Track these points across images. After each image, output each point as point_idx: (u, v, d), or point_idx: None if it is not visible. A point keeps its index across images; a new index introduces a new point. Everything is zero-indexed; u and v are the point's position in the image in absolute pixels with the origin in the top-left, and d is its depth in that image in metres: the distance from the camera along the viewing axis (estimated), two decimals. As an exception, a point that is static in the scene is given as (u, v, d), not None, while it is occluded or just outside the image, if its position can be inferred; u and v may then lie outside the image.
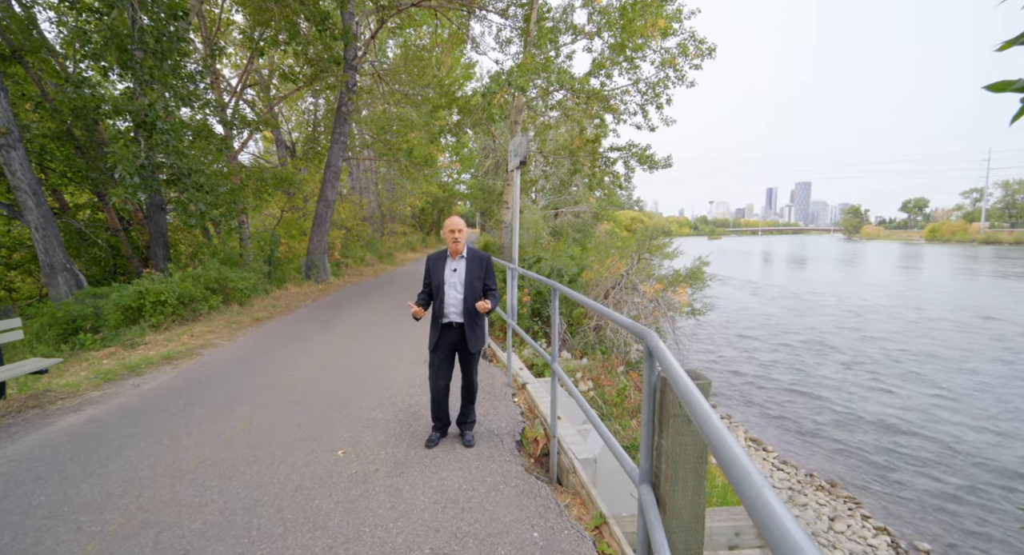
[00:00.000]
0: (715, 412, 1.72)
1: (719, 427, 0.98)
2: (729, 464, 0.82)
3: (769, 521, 0.66)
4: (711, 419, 1.03)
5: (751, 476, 0.75)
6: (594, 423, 2.37)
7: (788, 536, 0.63)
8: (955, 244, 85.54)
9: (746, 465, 0.81)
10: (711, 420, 1.02)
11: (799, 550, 0.61)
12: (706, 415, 1.04)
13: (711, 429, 0.97)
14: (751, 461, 0.84)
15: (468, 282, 3.59)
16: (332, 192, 14.27)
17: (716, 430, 0.95)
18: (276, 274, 12.25)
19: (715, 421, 0.99)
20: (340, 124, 14.11)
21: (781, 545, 0.63)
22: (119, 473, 3.37)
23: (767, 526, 0.66)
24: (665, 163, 12.78)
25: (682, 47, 10.40)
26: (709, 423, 0.99)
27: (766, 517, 0.67)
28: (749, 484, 0.74)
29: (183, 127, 8.82)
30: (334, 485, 3.14)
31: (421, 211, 41.73)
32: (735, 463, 0.81)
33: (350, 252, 19.92)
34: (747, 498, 0.72)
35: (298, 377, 5.44)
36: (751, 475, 0.75)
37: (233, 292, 9.35)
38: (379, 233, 29.48)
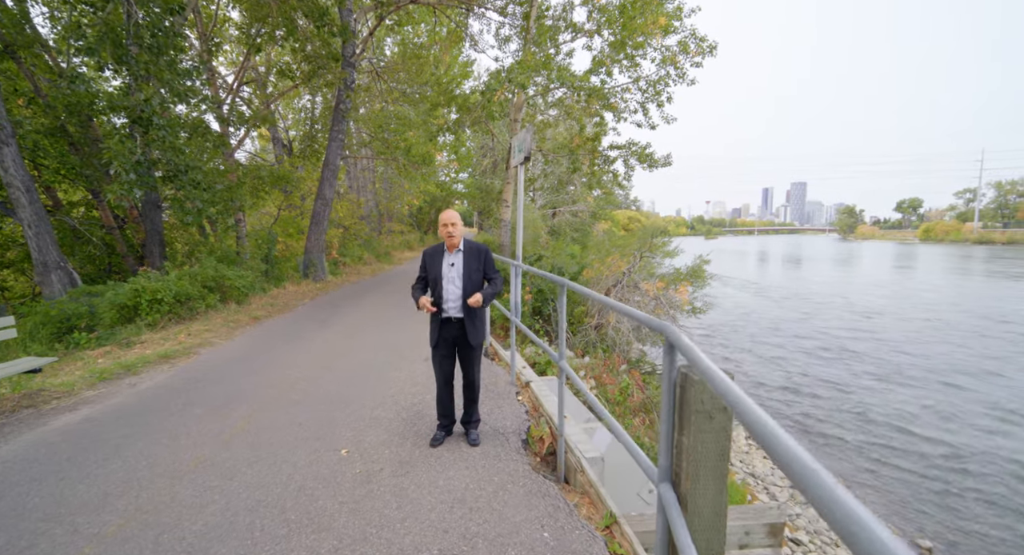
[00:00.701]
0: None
1: (768, 421, 0.92)
2: (788, 460, 0.76)
3: (849, 521, 0.60)
4: (757, 413, 0.97)
5: (818, 473, 0.69)
6: (608, 422, 2.31)
7: (875, 537, 0.57)
8: (949, 244, 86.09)
9: (808, 461, 0.76)
10: (758, 414, 0.96)
11: (888, 551, 0.55)
12: (750, 408, 0.98)
13: (760, 423, 0.91)
14: (812, 455, 0.78)
15: (466, 275, 3.52)
16: (330, 190, 14.16)
17: (765, 424, 0.89)
18: (274, 273, 12.14)
19: (762, 415, 0.94)
20: (338, 122, 14.00)
21: (868, 547, 0.57)
22: (117, 474, 3.29)
23: (848, 528, 0.60)
24: (665, 161, 12.76)
25: (683, 45, 10.37)
26: (756, 417, 0.94)
27: (842, 516, 0.61)
28: (817, 482, 0.68)
29: (180, 123, 8.71)
30: (338, 485, 3.07)
31: (419, 210, 41.60)
32: (795, 459, 0.75)
33: (348, 251, 19.81)
34: (818, 499, 0.66)
35: (298, 376, 5.36)
36: (818, 472, 0.69)
37: (230, 290, 9.25)
38: (377, 232, 29.36)
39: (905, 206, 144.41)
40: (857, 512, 0.62)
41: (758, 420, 0.95)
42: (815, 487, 0.68)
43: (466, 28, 15.31)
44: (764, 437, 0.89)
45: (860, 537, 0.59)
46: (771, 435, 0.88)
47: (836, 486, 0.68)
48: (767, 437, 0.88)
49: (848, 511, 0.63)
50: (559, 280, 3.32)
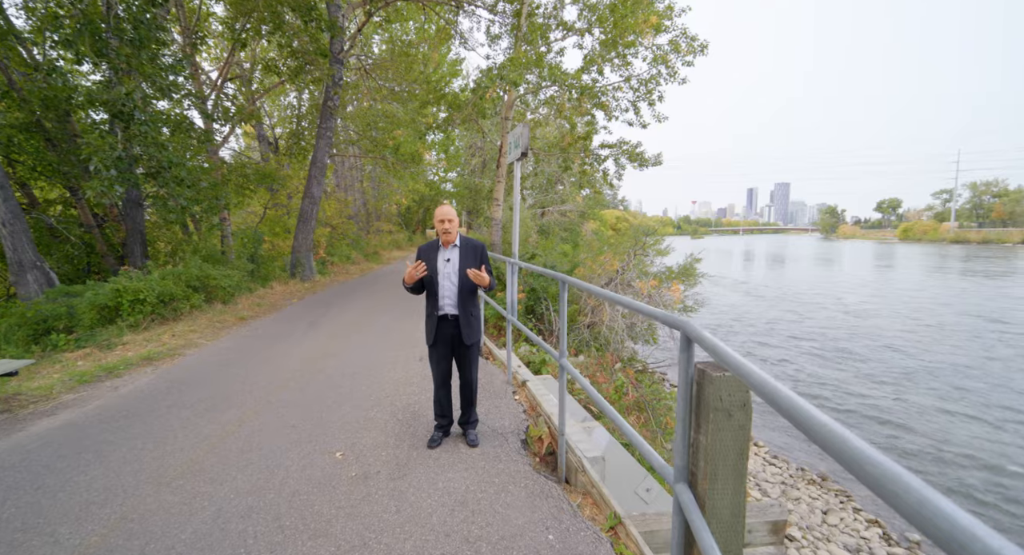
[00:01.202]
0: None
1: (812, 410, 0.86)
2: (859, 460, 0.70)
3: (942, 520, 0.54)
4: (797, 401, 0.92)
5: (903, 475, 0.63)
6: (616, 422, 2.25)
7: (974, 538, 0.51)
8: (927, 243, 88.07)
9: (861, 446, 0.70)
10: (798, 403, 0.91)
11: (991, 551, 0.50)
12: (795, 402, 0.92)
13: (810, 417, 0.85)
14: (862, 439, 0.73)
15: (463, 272, 3.45)
16: (318, 189, 13.94)
17: (818, 419, 0.84)
18: (260, 272, 11.91)
19: (813, 410, 0.88)
20: (326, 119, 13.79)
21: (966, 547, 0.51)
22: (99, 481, 3.15)
23: (942, 528, 0.54)
24: (656, 161, 12.78)
25: (674, 44, 10.40)
26: (805, 411, 0.88)
27: (933, 515, 0.55)
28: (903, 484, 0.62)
29: (163, 119, 8.47)
30: (334, 489, 2.97)
31: (407, 209, 41.31)
32: (867, 459, 0.69)
33: (335, 250, 19.56)
34: (904, 503, 0.60)
35: (288, 377, 5.23)
36: (902, 473, 0.63)
37: (216, 290, 9.03)
38: (365, 231, 29.06)
39: (885, 206, 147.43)
40: (927, 494, 0.57)
41: (801, 410, 0.90)
42: (901, 490, 0.62)
43: (455, 26, 15.20)
44: (813, 428, 0.84)
45: (932, 519, 0.54)
46: (820, 424, 0.83)
47: (894, 465, 0.64)
48: (816, 428, 0.83)
49: (919, 496, 0.58)
50: (560, 276, 3.26)
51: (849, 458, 0.72)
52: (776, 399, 0.98)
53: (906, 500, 0.60)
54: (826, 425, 0.82)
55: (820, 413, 0.87)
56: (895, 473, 0.63)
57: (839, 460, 0.75)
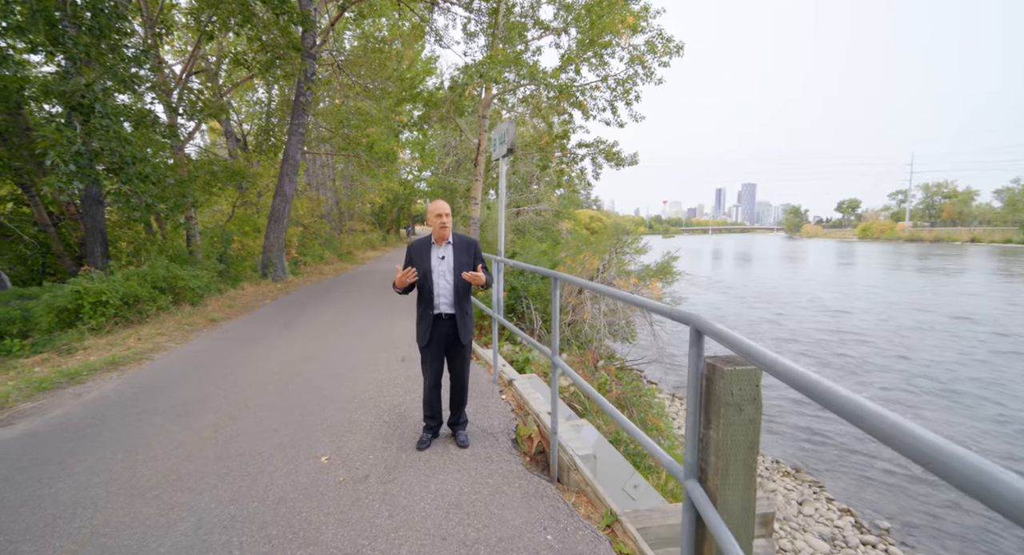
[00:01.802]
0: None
1: (849, 394, 0.86)
2: (898, 433, 0.70)
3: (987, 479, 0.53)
4: (828, 385, 0.91)
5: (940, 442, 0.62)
6: (619, 420, 2.23)
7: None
8: (884, 242, 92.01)
9: (918, 430, 0.70)
10: (830, 386, 0.91)
11: None
12: (824, 385, 0.92)
13: (841, 397, 0.85)
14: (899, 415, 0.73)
15: (458, 269, 3.38)
16: (290, 187, 13.57)
17: (850, 398, 0.83)
18: (230, 273, 11.51)
19: (841, 390, 0.87)
20: (298, 116, 13.43)
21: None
22: (65, 493, 2.95)
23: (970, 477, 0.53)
24: (632, 160, 12.93)
25: (650, 45, 10.53)
26: (834, 392, 0.87)
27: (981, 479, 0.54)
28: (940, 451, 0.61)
29: (126, 112, 8.07)
30: (322, 495, 2.87)
31: (381, 209, 40.70)
32: (905, 431, 0.68)
33: (308, 250, 19.09)
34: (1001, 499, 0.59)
35: (266, 380, 5.05)
36: (938, 440, 0.62)
37: (184, 292, 8.66)
38: (337, 231, 28.48)
39: (845, 206, 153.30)
40: (973, 461, 0.56)
41: (830, 391, 0.91)
42: (907, 439, 0.62)
43: (431, 22, 15.04)
44: (844, 406, 0.85)
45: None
46: (852, 403, 0.84)
47: (935, 437, 0.67)
48: (849, 407, 0.84)
49: (966, 462, 0.58)
50: (552, 273, 3.23)
51: (886, 432, 0.75)
52: (802, 384, 1.00)
53: (946, 464, 0.64)
54: (858, 403, 0.83)
55: (849, 392, 0.88)
56: (930, 440, 0.67)
57: (874, 434, 0.78)
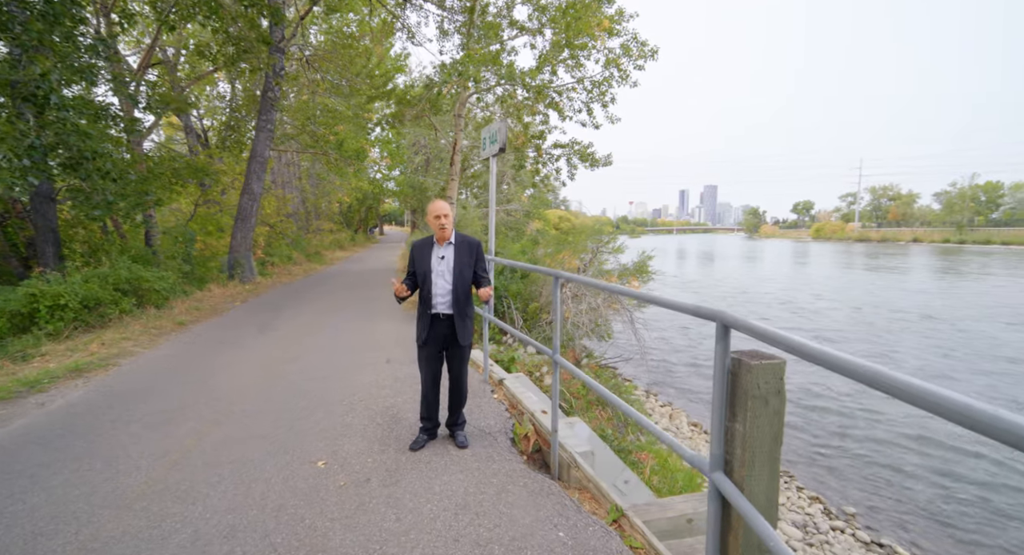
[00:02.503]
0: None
1: (893, 373, 0.94)
2: (943, 404, 0.80)
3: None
4: (870, 366, 1.01)
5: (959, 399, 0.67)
6: (634, 416, 2.27)
7: None
8: (836, 242, 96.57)
9: (956, 397, 0.80)
10: (872, 367, 0.99)
11: None
12: (866, 367, 1.02)
13: (886, 377, 0.94)
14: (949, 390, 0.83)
15: (457, 270, 3.36)
16: (258, 185, 13.14)
17: (896, 377, 0.91)
18: (195, 274, 11.04)
19: (883, 369, 0.95)
20: (266, 111, 13.02)
21: None
22: (42, 509, 2.77)
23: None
24: (606, 161, 13.14)
25: (625, 48, 10.73)
26: (877, 371, 0.96)
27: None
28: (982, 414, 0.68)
29: (85, 104, 7.62)
30: (323, 500, 2.80)
31: (349, 208, 39.85)
32: (947, 401, 0.79)
33: (275, 250, 18.51)
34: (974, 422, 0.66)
35: (248, 385, 4.87)
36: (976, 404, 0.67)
37: (148, 294, 8.25)
38: (304, 231, 27.71)
39: (800, 208, 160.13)
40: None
41: (873, 371, 1.00)
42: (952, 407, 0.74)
43: (402, 19, 14.84)
44: (893, 386, 0.94)
45: None
46: (899, 382, 0.94)
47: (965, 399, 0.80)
48: (897, 385, 0.94)
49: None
50: (554, 273, 3.25)
51: (932, 403, 0.86)
52: (843, 366, 1.10)
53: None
54: (905, 381, 0.92)
55: (892, 371, 0.97)
56: (968, 405, 0.80)
57: (931, 409, 0.87)
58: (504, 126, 4.27)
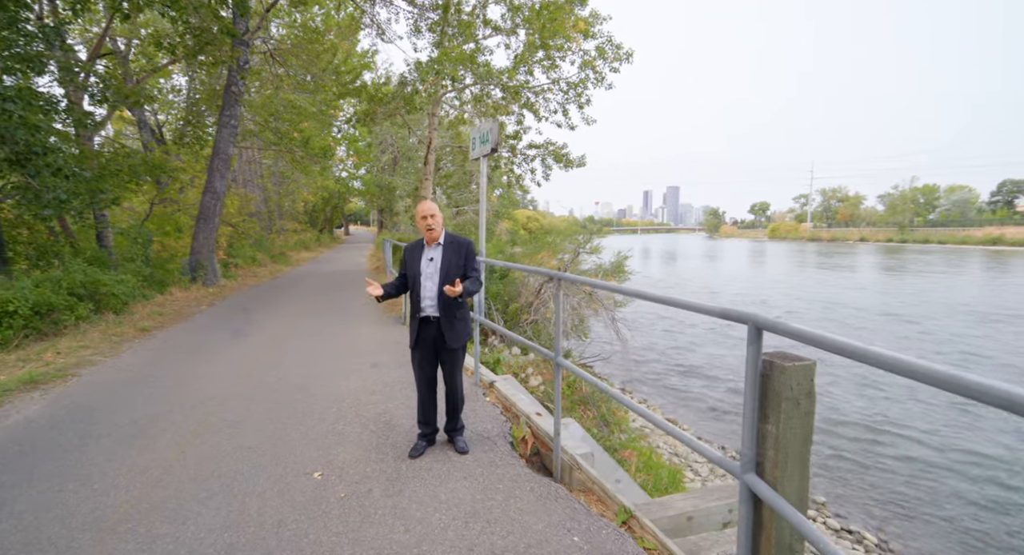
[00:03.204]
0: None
1: (928, 364, 1.00)
2: (973, 388, 0.87)
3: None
4: (915, 361, 1.07)
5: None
6: (653, 420, 2.28)
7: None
8: (791, 241, 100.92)
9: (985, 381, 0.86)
10: (916, 361, 1.04)
11: None
12: (908, 361, 1.09)
13: (923, 369, 1.02)
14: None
15: (444, 272, 3.29)
16: (221, 183, 12.59)
17: (931, 368, 0.99)
18: (155, 277, 10.46)
19: (919, 362, 1.02)
20: (230, 106, 12.49)
21: None
22: (11, 536, 2.55)
23: None
24: (580, 162, 13.25)
25: (600, 50, 10.84)
26: (915, 365, 1.03)
27: None
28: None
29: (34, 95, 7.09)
30: (325, 514, 2.68)
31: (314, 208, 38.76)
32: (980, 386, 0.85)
33: (238, 251, 17.77)
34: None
35: (226, 394, 4.64)
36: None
37: (106, 298, 7.75)
38: (268, 231, 26.73)
39: (756, 208, 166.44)
40: None
41: (912, 364, 1.07)
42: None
43: (368, 15, 14.55)
44: (933, 377, 1.02)
45: None
46: (937, 373, 1.01)
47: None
48: (935, 376, 1.01)
49: None
50: (554, 273, 3.24)
51: (961, 388, 0.96)
52: (885, 362, 1.15)
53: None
54: (941, 371, 1.00)
55: (927, 362, 1.05)
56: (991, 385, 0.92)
57: (980, 399, 0.94)
58: (496, 125, 4.22)
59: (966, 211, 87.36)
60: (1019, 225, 73.68)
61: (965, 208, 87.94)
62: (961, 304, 21.43)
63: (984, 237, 70.37)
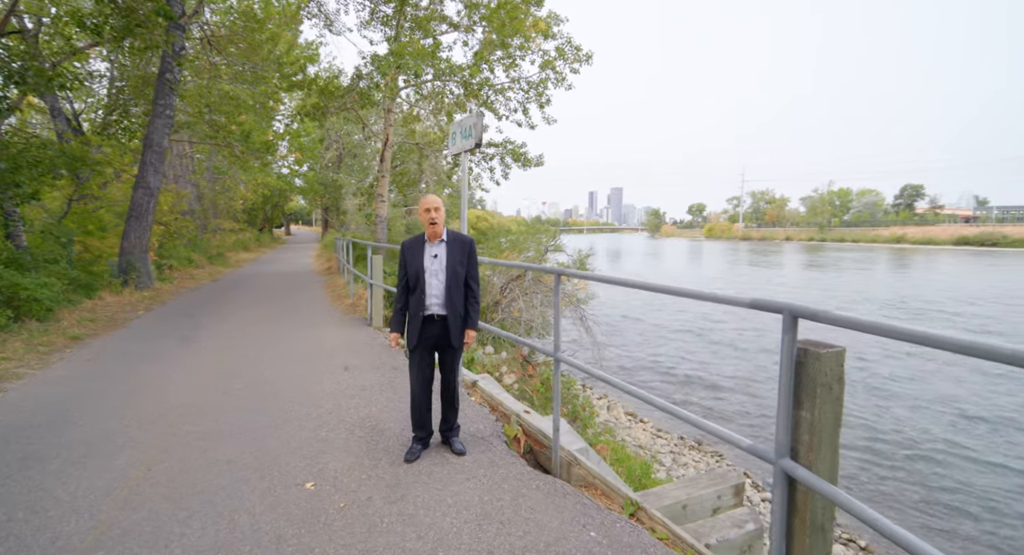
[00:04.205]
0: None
1: (956, 336, 1.11)
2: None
3: None
4: (956, 335, 1.21)
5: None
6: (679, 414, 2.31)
7: None
8: (725, 240, 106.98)
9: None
10: (957, 336, 1.18)
11: None
12: (946, 335, 1.22)
13: (950, 340, 1.15)
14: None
15: (451, 269, 3.22)
16: (156, 178, 11.64)
17: (955, 338, 1.10)
18: (81, 280, 9.49)
19: (950, 334, 1.14)
20: (165, 95, 11.57)
21: None
22: (-45, 576, 2.21)
23: None
24: (537, 161, 13.35)
25: (560, 51, 10.97)
26: (945, 337, 1.21)
27: None
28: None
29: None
30: (328, 525, 2.52)
31: (252, 206, 36.66)
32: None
33: (172, 252, 16.48)
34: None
35: (187, 405, 4.27)
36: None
37: (27, 304, 6.93)
38: (202, 230, 24.97)
39: (694, 209, 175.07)
40: None
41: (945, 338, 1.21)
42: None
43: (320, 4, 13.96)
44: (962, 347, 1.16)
45: None
46: (959, 342, 1.17)
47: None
48: (960, 345, 1.17)
49: None
50: (554, 269, 3.23)
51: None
52: (924, 338, 1.27)
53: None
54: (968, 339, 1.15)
55: (955, 333, 1.20)
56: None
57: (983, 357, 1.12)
58: (481, 119, 4.14)
59: (875, 212, 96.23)
60: (918, 225, 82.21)
61: (874, 210, 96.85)
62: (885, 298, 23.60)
63: (890, 236, 77.81)
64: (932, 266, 39.92)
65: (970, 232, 69.56)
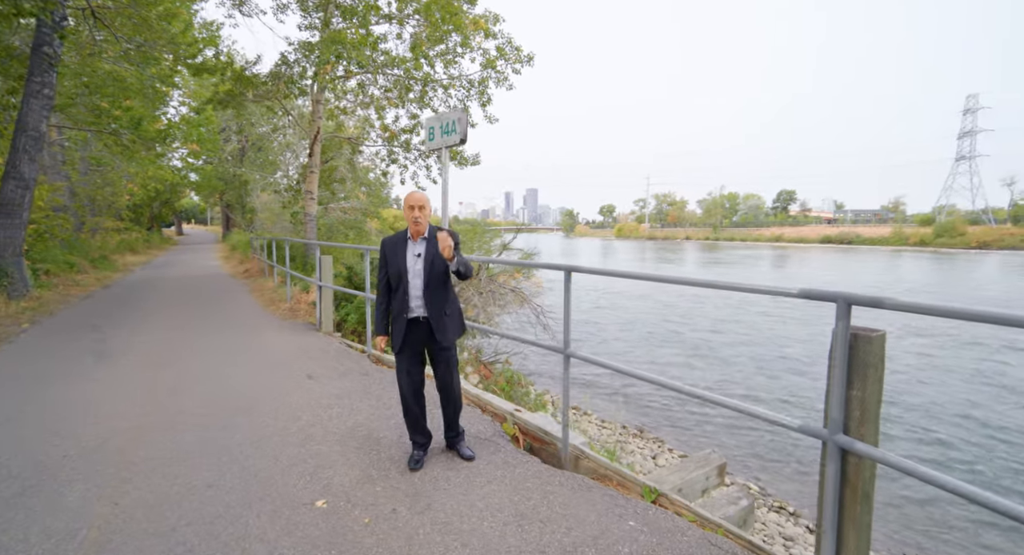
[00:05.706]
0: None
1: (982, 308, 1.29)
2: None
3: None
4: (977, 308, 1.50)
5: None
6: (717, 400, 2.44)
7: None
8: (634, 239, 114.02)
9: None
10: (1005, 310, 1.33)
11: None
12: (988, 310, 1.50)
13: (981, 312, 1.29)
14: None
15: (430, 264, 3.06)
16: (31, 167, 9.94)
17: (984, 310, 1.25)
18: (-64, 288, 7.85)
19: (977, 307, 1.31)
20: (41, 72, 9.93)
21: None
22: None
23: None
24: (474, 161, 13.30)
25: (500, 50, 10.97)
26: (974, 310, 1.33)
27: None
28: None
29: None
30: (360, 543, 2.34)
31: (138, 203, 32.56)
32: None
33: (45, 255, 14.12)
34: None
35: (134, 427, 3.72)
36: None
37: None
38: (78, 230, 21.63)
39: (604, 210, 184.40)
40: None
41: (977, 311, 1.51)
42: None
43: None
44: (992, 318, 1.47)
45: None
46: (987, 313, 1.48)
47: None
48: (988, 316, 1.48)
49: None
50: (566, 266, 3.26)
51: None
52: (960, 314, 1.57)
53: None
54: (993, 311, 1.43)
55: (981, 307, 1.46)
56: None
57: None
58: (465, 115, 4.05)
59: (757, 215, 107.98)
60: (792, 226, 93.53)
61: (757, 212, 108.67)
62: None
63: (771, 235, 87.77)
64: (805, 262, 45.71)
65: (831, 232, 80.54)
